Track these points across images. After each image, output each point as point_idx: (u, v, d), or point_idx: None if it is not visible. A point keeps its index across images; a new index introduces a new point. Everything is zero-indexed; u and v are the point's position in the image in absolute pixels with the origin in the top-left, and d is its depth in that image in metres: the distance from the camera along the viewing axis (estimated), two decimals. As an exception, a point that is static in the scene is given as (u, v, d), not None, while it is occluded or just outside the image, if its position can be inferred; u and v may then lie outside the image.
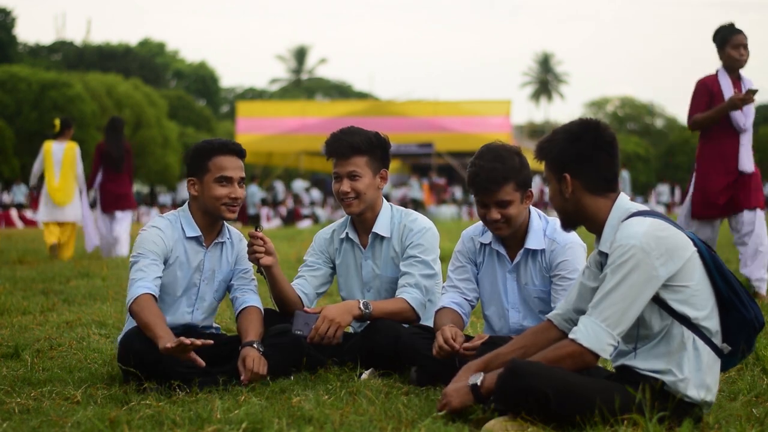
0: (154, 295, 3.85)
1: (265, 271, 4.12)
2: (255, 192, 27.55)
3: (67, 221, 11.69)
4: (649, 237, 2.96)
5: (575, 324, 3.17)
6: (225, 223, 4.18)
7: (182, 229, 4.06)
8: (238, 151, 4.06)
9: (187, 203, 4.15)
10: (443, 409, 3.17)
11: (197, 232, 4.07)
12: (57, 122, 11.93)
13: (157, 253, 3.96)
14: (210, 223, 4.11)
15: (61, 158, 11.64)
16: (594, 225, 3.18)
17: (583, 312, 3.17)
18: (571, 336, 3.03)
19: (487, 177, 3.71)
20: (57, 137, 11.83)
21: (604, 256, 3.14)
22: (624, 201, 3.14)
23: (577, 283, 3.28)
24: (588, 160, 3.13)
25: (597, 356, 3.00)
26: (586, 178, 3.13)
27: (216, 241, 4.13)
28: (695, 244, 3.07)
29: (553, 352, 3.05)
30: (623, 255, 2.96)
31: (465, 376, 3.24)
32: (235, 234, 4.24)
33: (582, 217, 3.18)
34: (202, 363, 3.61)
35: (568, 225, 3.27)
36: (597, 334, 2.97)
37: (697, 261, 3.05)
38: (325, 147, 4.23)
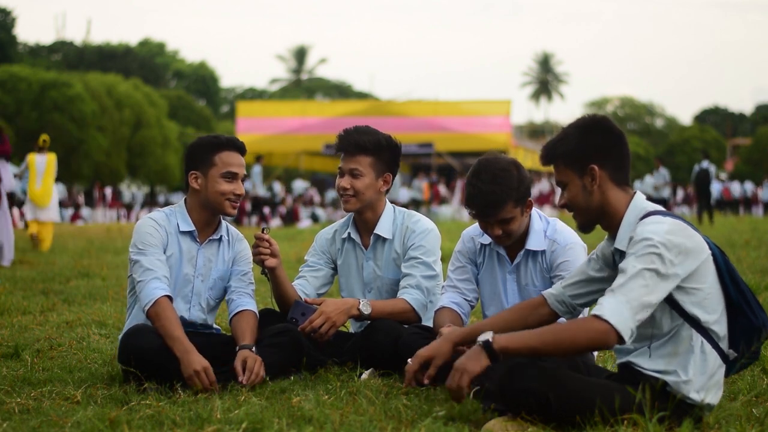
0: (170, 297, 3.86)
1: (269, 273, 4.12)
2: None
3: (46, 221, 13.87)
4: (670, 235, 2.94)
5: (568, 308, 3.21)
6: (223, 220, 4.16)
7: (177, 223, 4.05)
8: (242, 148, 4.07)
9: (184, 198, 4.13)
10: (459, 383, 3.02)
11: (191, 227, 4.05)
12: (47, 138, 14.26)
13: (156, 245, 3.95)
14: (207, 219, 4.07)
15: (43, 168, 13.87)
16: (612, 221, 3.14)
17: (575, 300, 3.21)
18: (596, 312, 2.91)
19: (485, 201, 3.69)
20: (40, 151, 14.06)
21: (618, 253, 3.13)
22: (641, 200, 3.13)
23: (580, 271, 3.27)
24: (611, 149, 3.12)
25: (621, 338, 2.88)
26: (612, 167, 3.11)
27: (211, 237, 4.10)
28: (710, 248, 3.06)
29: (575, 330, 2.91)
30: (649, 246, 2.92)
31: (448, 345, 3.32)
32: (234, 233, 4.21)
33: (603, 212, 3.13)
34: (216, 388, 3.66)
35: (589, 225, 3.19)
36: (623, 313, 2.88)
37: (711, 264, 3.03)
38: (336, 141, 4.24)
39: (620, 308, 2.89)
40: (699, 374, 3.01)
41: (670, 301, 3.00)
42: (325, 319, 3.98)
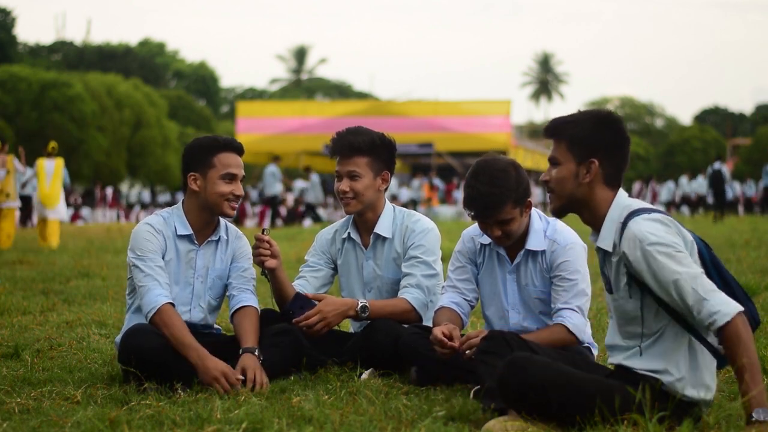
0: (173, 304, 3.87)
1: (269, 274, 4.12)
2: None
3: (53, 219, 15.20)
4: (664, 231, 2.96)
5: None
6: (222, 220, 4.16)
7: (174, 226, 4.05)
8: (240, 149, 4.07)
9: (181, 201, 4.13)
10: None
11: (188, 231, 4.05)
12: (56, 146, 15.81)
13: (155, 251, 3.96)
14: (206, 220, 4.07)
15: (52, 172, 15.38)
16: (593, 217, 3.14)
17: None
18: (718, 309, 2.87)
19: (484, 203, 3.68)
20: (48, 156, 15.53)
21: (602, 252, 3.13)
22: (623, 197, 3.12)
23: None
24: (618, 150, 3.11)
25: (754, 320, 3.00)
26: (611, 168, 3.11)
27: (210, 239, 4.10)
28: (695, 243, 3.06)
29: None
30: (667, 247, 2.93)
31: None
32: (233, 231, 4.20)
33: (584, 206, 3.13)
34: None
35: (563, 211, 3.21)
36: (727, 299, 2.90)
37: (696, 258, 3.03)
38: (331, 144, 4.24)
39: (721, 297, 2.89)
40: (691, 371, 3.02)
41: (657, 300, 3.00)
42: (321, 317, 3.98)
